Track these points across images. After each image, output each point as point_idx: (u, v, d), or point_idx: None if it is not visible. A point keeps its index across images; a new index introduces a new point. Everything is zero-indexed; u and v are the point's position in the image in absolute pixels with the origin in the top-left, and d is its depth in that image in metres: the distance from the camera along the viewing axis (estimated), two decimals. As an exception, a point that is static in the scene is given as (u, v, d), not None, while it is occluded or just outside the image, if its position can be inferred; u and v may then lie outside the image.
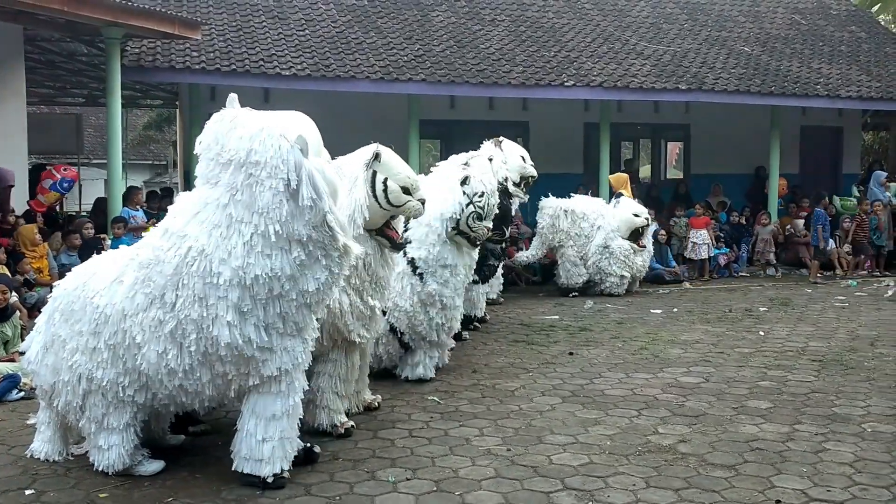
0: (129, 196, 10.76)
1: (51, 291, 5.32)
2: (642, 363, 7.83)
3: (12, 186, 10.41)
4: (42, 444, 5.20)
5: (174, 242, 4.54)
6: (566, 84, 13.82)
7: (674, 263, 13.86)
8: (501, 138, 10.70)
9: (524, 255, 12.75)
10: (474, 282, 9.05)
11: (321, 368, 5.70)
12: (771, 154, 15.96)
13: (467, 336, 8.79)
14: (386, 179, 5.62)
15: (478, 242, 7.23)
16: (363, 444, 5.51)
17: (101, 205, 12.26)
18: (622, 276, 12.13)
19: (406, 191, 5.68)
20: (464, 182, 7.08)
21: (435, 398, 6.61)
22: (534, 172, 10.80)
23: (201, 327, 4.47)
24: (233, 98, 4.80)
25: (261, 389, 4.70)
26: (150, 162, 33.89)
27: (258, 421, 4.70)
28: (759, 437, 5.63)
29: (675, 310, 10.84)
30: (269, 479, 4.69)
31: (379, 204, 5.61)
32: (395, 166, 5.73)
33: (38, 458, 5.18)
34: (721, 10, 18.45)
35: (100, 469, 4.86)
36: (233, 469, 4.76)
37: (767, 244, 14.79)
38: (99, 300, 4.75)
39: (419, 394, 6.77)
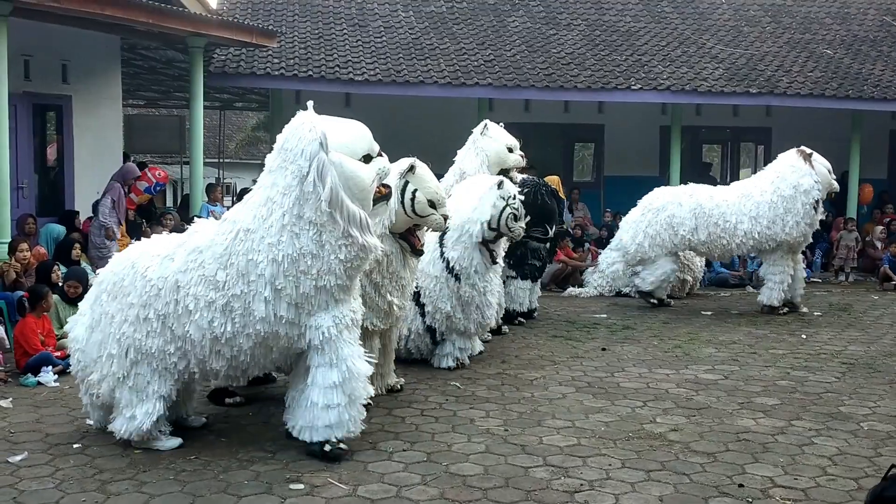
0: (210, 192, 11.65)
1: None
2: (669, 360, 8.07)
3: (138, 178, 11.26)
4: (91, 419, 5.80)
5: (228, 227, 5.18)
6: (633, 88, 14.01)
7: (739, 267, 13.83)
8: (810, 151, 10.60)
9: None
10: (513, 277, 9.48)
11: (342, 351, 6.27)
12: (851, 158, 15.68)
13: (507, 329, 9.21)
14: (416, 190, 6.20)
15: (496, 256, 7.70)
16: (375, 420, 6.01)
17: (186, 200, 13.28)
18: (684, 281, 12.26)
19: (432, 204, 6.24)
20: (500, 186, 7.55)
21: (457, 384, 7.07)
22: (837, 187, 10.79)
23: (245, 302, 5.02)
24: (310, 104, 5.33)
25: (316, 361, 5.16)
26: (259, 161, 35.53)
27: (320, 390, 5.14)
28: (751, 430, 5.86)
29: (726, 312, 10.94)
30: (326, 449, 5.13)
31: (405, 211, 6.17)
32: (427, 180, 6.30)
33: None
34: (808, 12, 18.16)
35: (124, 437, 5.34)
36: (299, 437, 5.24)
37: (851, 251, 14.55)
38: (150, 273, 5.26)
39: (444, 379, 7.24)
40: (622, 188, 16.61)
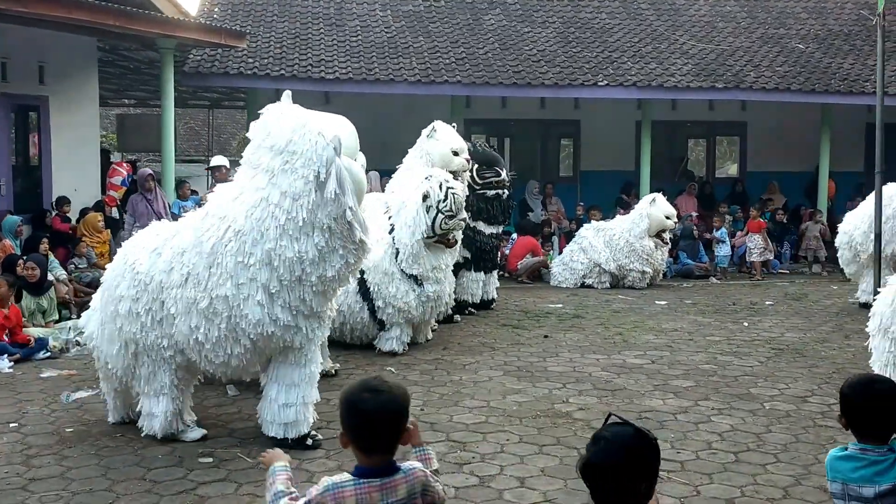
0: (178, 189, 12.01)
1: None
2: (605, 346, 8.36)
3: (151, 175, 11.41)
4: (110, 413, 5.86)
5: (214, 223, 5.08)
6: (599, 84, 14.28)
7: (705, 259, 14.10)
8: None
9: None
10: (466, 269, 9.80)
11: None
12: (821, 152, 15.91)
13: (458, 318, 9.53)
14: None
15: (453, 240, 8.16)
16: (301, 402, 6.36)
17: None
18: (644, 272, 12.53)
19: None
20: (425, 198, 7.92)
21: (392, 369, 7.40)
22: None
23: (232, 305, 4.99)
24: (287, 94, 5.46)
25: (280, 359, 5.31)
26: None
27: (280, 387, 5.31)
28: (655, 409, 6.17)
29: (681, 302, 11.22)
30: (308, 442, 5.33)
31: None
32: None
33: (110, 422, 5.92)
34: (784, 7, 18.33)
35: (148, 433, 5.43)
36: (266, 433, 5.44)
37: (817, 241, 14.86)
38: (139, 267, 5.29)
39: (381, 365, 7.57)
40: (598, 183, 16.93)
